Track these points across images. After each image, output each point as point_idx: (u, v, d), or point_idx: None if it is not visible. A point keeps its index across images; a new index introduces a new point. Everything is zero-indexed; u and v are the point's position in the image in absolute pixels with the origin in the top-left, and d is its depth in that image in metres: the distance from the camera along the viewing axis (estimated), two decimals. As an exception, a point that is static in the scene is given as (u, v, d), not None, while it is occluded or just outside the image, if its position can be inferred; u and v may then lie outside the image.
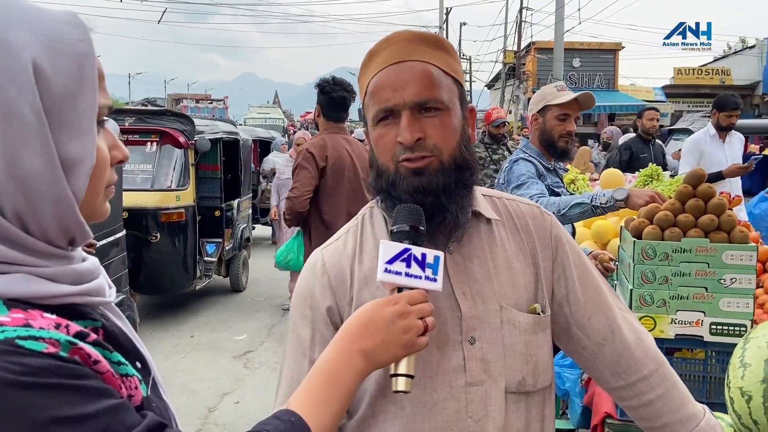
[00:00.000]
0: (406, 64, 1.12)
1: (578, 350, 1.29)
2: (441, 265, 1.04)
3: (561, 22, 18.08)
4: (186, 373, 5.08)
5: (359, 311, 1.03)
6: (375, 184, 1.19)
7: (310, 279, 1.22)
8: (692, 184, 2.06)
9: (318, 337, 1.17)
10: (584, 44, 24.79)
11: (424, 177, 1.11)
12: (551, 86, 2.88)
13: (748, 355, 1.44)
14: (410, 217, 1.07)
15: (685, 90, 25.33)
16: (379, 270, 1.02)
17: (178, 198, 6.04)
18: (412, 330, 1.00)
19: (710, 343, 1.98)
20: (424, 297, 1.03)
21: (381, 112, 1.13)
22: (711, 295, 1.94)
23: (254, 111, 35.51)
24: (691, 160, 5.30)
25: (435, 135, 1.11)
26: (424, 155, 1.10)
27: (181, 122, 6.28)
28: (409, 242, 1.04)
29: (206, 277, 6.73)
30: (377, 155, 1.17)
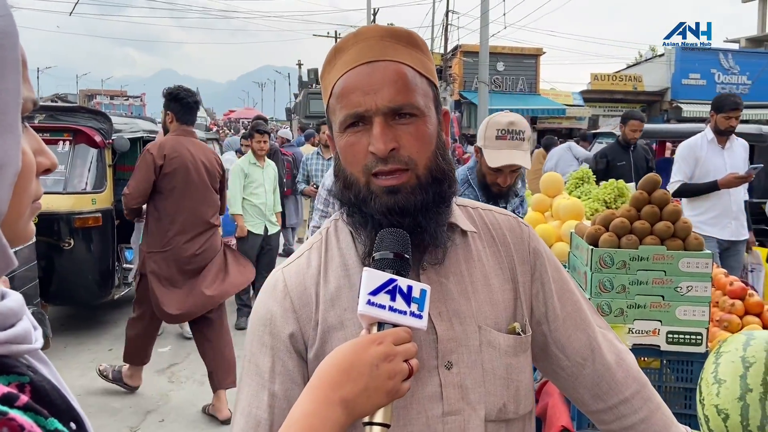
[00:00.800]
0: (379, 65, 1.00)
1: (557, 371, 1.20)
2: (427, 300, 0.93)
3: (486, 26, 18.39)
4: (105, 390, 4.72)
5: (338, 352, 0.89)
6: (341, 196, 1.07)
7: (269, 302, 1.08)
8: (647, 190, 2.02)
9: (279, 366, 1.04)
10: (507, 48, 25.39)
11: (400, 195, 0.99)
12: (493, 127, 2.49)
13: (722, 371, 1.39)
14: (396, 243, 0.96)
15: (601, 95, 26.41)
16: (360, 301, 0.90)
17: (94, 201, 5.65)
18: (398, 375, 0.88)
19: (666, 353, 1.95)
20: (409, 336, 0.91)
21: (350, 118, 1.01)
22: (668, 304, 1.91)
23: (174, 109, 34.25)
24: (685, 168, 4.75)
25: (410, 145, 1.00)
26: (398, 168, 0.99)
27: (96, 120, 5.87)
28: (393, 271, 0.93)
29: (125, 285, 6.32)
30: (345, 165, 1.04)
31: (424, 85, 1.04)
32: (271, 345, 1.05)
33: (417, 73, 1.03)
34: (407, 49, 1.04)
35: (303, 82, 28.35)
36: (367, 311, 0.89)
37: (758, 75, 26.54)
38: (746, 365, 1.37)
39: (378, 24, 1.10)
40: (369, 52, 1.02)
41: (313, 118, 21.30)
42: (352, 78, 1.01)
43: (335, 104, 1.03)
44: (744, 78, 26.92)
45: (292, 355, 1.04)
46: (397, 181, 0.99)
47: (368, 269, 0.92)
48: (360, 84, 1.00)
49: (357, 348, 0.88)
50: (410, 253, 0.96)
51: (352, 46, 1.04)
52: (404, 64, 1.02)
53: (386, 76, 0.99)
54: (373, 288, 0.90)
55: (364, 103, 0.99)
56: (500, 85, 24.63)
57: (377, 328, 0.91)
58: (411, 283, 0.92)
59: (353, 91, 1.00)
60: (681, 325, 1.91)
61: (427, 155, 1.02)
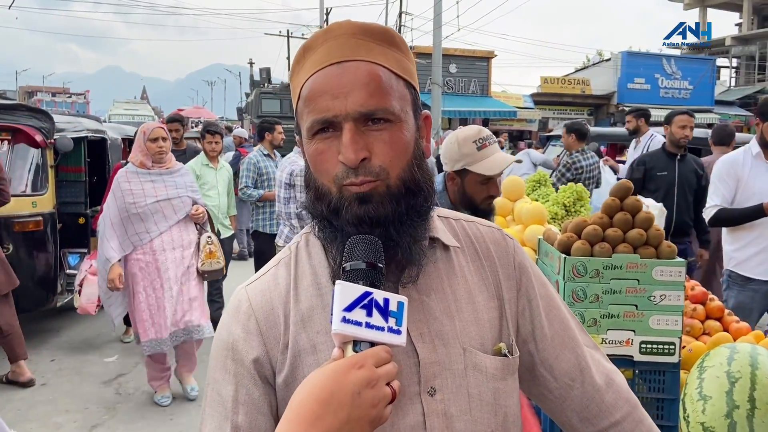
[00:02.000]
0: (349, 65, 0.91)
1: (544, 393, 1.13)
2: (405, 313, 0.85)
3: (439, 28, 18.49)
4: (47, 404, 4.47)
5: (314, 380, 0.80)
6: (313, 209, 0.97)
7: (231, 324, 0.98)
8: (619, 196, 1.98)
9: (243, 395, 0.94)
10: (459, 51, 25.63)
11: (371, 205, 0.90)
12: (468, 141, 2.31)
13: (707, 387, 1.35)
14: (367, 251, 0.87)
15: (550, 98, 26.97)
16: (334, 319, 0.81)
17: (35, 204, 5.35)
18: (381, 401, 0.80)
19: (639, 363, 1.91)
20: (389, 355, 0.83)
21: (317, 124, 0.91)
22: (641, 313, 1.87)
23: (120, 107, 33.36)
24: (723, 190, 3.84)
25: (383, 153, 0.91)
26: (368, 180, 0.90)
27: (37, 118, 5.56)
28: (366, 283, 0.84)
29: (69, 292, 6.02)
30: (315, 174, 0.95)
31: (401, 88, 0.95)
32: (234, 371, 0.95)
33: (393, 74, 0.94)
34: (382, 47, 0.95)
35: (255, 82, 27.92)
36: (343, 329, 0.81)
37: (699, 80, 27.55)
38: (732, 380, 1.33)
39: (351, 20, 0.99)
40: (339, 51, 0.92)
41: (264, 117, 20.99)
42: (320, 80, 0.92)
43: (303, 109, 0.94)
44: (686, 83, 27.95)
45: (257, 382, 0.95)
46: (368, 188, 0.90)
47: (341, 282, 0.83)
48: (328, 86, 0.91)
49: (336, 374, 0.79)
50: (383, 261, 0.88)
51: (322, 44, 0.94)
52: (378, 64, 0.93)
53: (357, 78, 0.90)
54: (347, 303, 0.81)
55: (332, 108, 0.90)
56: (453, 87, 24.86)
57: (352, 346, 0.82)
58: (387, 296, 0.84)
59: (321, 94, 0.91)
60: (654, 334, 1.87)
61: (401, 165, 0.93)
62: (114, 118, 26.69)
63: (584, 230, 1.95)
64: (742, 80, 32.83)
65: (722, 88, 31.53)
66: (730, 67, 33.78)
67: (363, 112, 0.90)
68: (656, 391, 1.93)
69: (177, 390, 4.66)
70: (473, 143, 2.31)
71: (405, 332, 0.84)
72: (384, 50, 0.95)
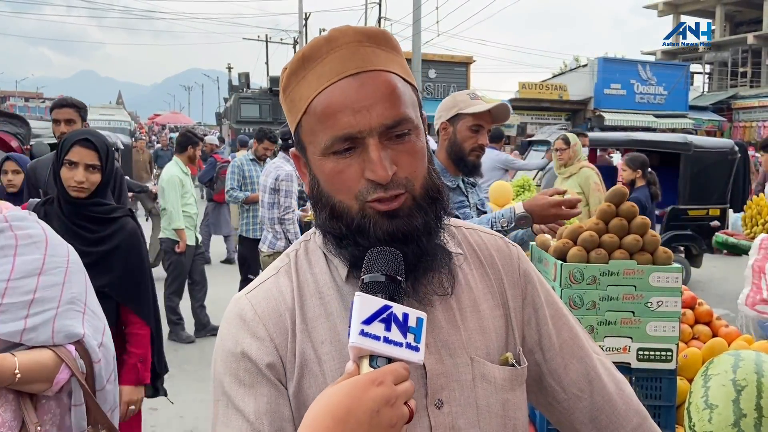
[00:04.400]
0: (367, 76, 0.87)
1: (552, 404, 1.10)
2: (424, 329, 0.82)
3: (418, 34, 18.53)
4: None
5: (331, 396, 0.76)
6: (330, 228, 0.92)
7: (238, 333, 0.92)
8: (614, 202, 1.97)
9: (263, 404, 0.89)
10: (437, 56, 25.73)
11: (401, 220, 0.87)
12: (463, 93, 2.62)
13: (712, 395, 1.33)
14: (388, 264, 0.83)
15: (528, 103, 27.16)
16: (352, 332, 0.78)
17: (11, 211, 5.20)
18: (399, 421, 0.76)
19: (636, 370, 1.90)
20: (408, 372, 0.79)
21: (339, 141, 0.87)
22: (638, 320, 1.86)
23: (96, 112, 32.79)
24: None
25: (407, 165, 0.88)
26: (399, 193, 0.87)
27: (12, 124, 5.43)
28: (385, 296, 0.81)
29: (47, 300, 5.88)
30: (331, 192, 0.90)
31: (411, 93, 0.92)
32: (250, 382, 0.90)
33: (403, 81, 0.91)
34: (387, 53, 0.91)
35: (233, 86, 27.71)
36: (361, 343, 0.77)
37: (674, 86, 27.98)
38: (738, 389, 1.32)
39: (351, 26, 0.94)
40: (351, 60, 0.88)
41: (244, 123, 20.86)
42: (337, 94, 0.87)
43: (315, 125, 0.89)
44: (660, 89, 28.34)
45: (277, 386, 0.90)
46: (394, 205, 0.87)
47: (361, 294, 0.80)
48: (348, 101, 0.86)
49: (354, 390, 0.75)
50: (403, 275, 0.84)
51: (327, 53, 0.89)
52: (392, 72, 0.89)
53: (377, 90, 0.86)
54: (366, 316, 0.78)
55: (356, 124, 0.85)
56: (432, 92, 24.93)
57: (368, 361, 0.79)
58: (407, 311, 0.81)
59: (342, 109, 0.86)
60: (651, 341, 1.86)
61: (423, 173, 0.91)
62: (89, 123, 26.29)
63: (580, 236, 1.94)
64: (715, 86, 33.46)
65: (696, 93, 32.07)
66: (704, 73, 34.42)
67: (388, 125, 0.86)
68: (653, 398, 1.92)
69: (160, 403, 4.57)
70: (467, 95, 2.58)
71: (423, 349, 0.81)
72: (389, 56, 0.91)
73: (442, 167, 2.58)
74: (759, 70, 31.19)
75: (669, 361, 1.87)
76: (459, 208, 2.59)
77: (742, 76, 31.51)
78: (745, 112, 29.18)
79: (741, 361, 1.37)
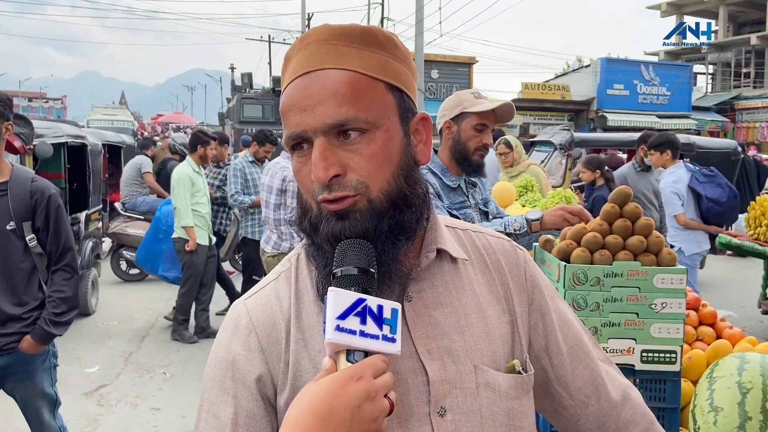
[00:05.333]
0: (316, 75, 0.86)
1: (558, 410, 1.08)
2: (399, 320, 0.81)
3: (421, 34, 18.51)
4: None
5: (311, 394, 0.75)
6: (300, 225, 0.93)
7: (230, 341, 0.92)
8: (618, 203, 1.96)
9: (243, 417, 0.88)
10: (440, 57, 25.71)
11: (348, 222, 0.85)
12: (467, 92, 2.61)
13: (717, 398, 1.32)
14: (359, 256, 0.83)
15: (531, 104, 27.10)
16: (327, 328, 0.77)
17: (14, 211, 5.20)
18: (381, 414, 0.76)
19: (640, 372, 1.89)
20: (386, 364, 0.79)
21: (290, 140, 0.88)
22: (642, 321, 1.85)
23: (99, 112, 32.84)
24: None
25: (359, 167, 0.85)
26: (344, 195, 0.85)
27: (17, 124, 5.41)
28: (358, 289, 0.80)
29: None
30: (301, 191, 0.92)
31: (379, 92, 0.88)
32: (233, 392, 0.90)
33: (369, 79, 0.87)
34: (359, 50, 0.88)
35: (236, 87, 27.72)
36: (337, 338, 0.77)
37: (677, 87, 27.92)
38: (743, 391, 1.31)
39: (329, 24, 0.93)
40: (308, 60, 0.88)
41: (247, 123, 20.85)
42: (290, 93, 0.88)
43: (283, 123, 0.91)
44: (663, 89, 28.28)
45: (258, 402, 0.89)
46: (344, 205, 0.85)
47: (334, 289, 0.79)
48: (296, 100, 0.87)
49: (334, 387, 0.74)
50: (375, 266, 0.83)
51: (296, 53, 0.90)
52: (350, 70, 0.87)
53: (323, 88, 0.85)
54: (341, 311, 0.77)
55: (301, 123, 0.86)
56: (434, 92, 24.90)
57: (345, 356, 0.78)
58: (381, 302, 0.80)
59: (291, 108, 0.87)
60: (655, 343, 1.85)
61: (384, 177, 0.87)
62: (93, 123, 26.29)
63: (584, 237, 1.93)
64: (718, 86, 33.38)
65: (699, 94, 31.99)
66: (707, 73, 34.34)
67: (331, 123, 0.84)
68: (657, 400, 1.91)
69: (162, 403, 4.57)
70: (471, 94, 2.58)
71: (400, 340, 0.80)
72: (361, 53, 0.88)
73: (444, 167, 2.58)
74: (762, 71, 31.11)
75: (673, 363, 1.86)
76: (460, 209, 2.58)
77: (745, 76, 31.42)
78: (749, 112, 29.11)
79: (746, 364, 1.37)
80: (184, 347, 5.77)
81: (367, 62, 0.88)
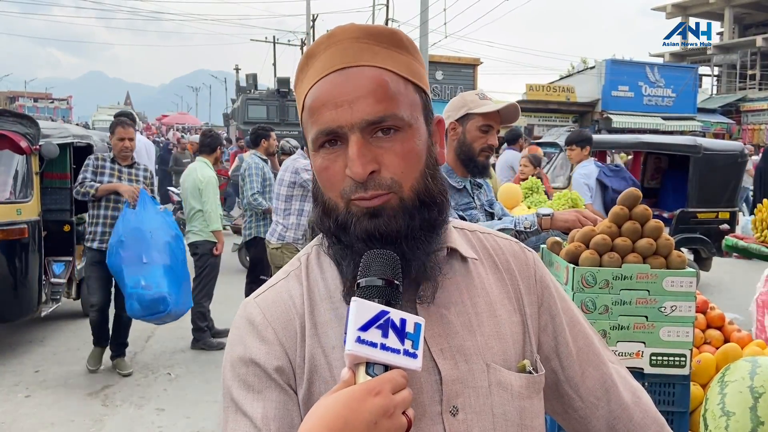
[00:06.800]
0: (353, 71, 0.86)
1: (568, 412, 1.08)
2: (422, 335, 0.80)
3: (426, 36, 18.51)
4: (31, 416, 4.34)
5: (327, 407, 0.74)
6: (321, 224, 0.92)
7: (247, 338, 0.91)
8: (628, 205, 1.95)
9: (272, 409, 0.87)
10: (444, 58, 25.70)
11: (381, 219, 0.85)
12: (472, 93, 2.62)
13: (729, 402, 1.31)
14: (385, 267, 0.82)
15: (536, 105, 27.07)
16: (348, 339, 0.76)
17: (19, 212, 5.23)
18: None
19: (649, 375, 1.88)
20: (405, 380, 0.77)
21: (322, 136, 0.87)
22: (651, 325, 1.84)
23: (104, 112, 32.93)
24: None
25: (393, 165, 0.86)
26: (379, 193, 0.85)
27: (22, 124, 5.45)
28: (382, 301, 0.79)
29: (53, 301, 5.89)
30: (323, 189, 0.90)
31: (410, 93, 0.90)
32: (258, 387, 0.88)
33: (401, 79, 0.89)
34: (389, 50, 0.90)
35: (241, 87, 27.75)
36: (357, 350, 0.75)
37: (682, 88, 27.84)
38: (755, 396, 1.29)
39: (356, 23, 0.93)
40: (342, 56, 0.87)
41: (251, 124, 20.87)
42: (323, 88, 0.87)
43: (307, 120, 0.89)
44: (669, 91, 28.20)
45: (287, 392, 0.88)
46: (377, 203, 0.85)
47: (357, 299, 0.78)
48: (332, 95, 0.86)
49: (351, 401, 0.73)
50: (401, 278, 0.83)
51: (324, 50, 0.89)
52: (384, 68, 0.88)
53: (362, 85, 0.85)
54: (363, 322, 0.76)
55: (337, 119, 0.85)
56: (439, 93, 24.88)
57: (365, 369, 0.77)
58: (404, 316, 0.79)
59: (324, 104, 0.86)
60: (665, 346, 1.84)
61: (414, 175, 0.88)
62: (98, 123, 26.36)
63: (593, 239, 1.92)
64: (723, 88, 33.28)
65: (704, 96, 31.90)
66: (712, 75, 34.25)
67: (370, 120, 0.84)
68: (666, 404, 1.90)
69: (167, 403, 4.57)
70: (476, 95, 2.58)
71: (421, 356, 0.79)
72: (391, 53, 0.89)
73: (449, 168, 2.58)
74: (768, 73, 31.01)
75: (683, 366, 1.85)
76: (466, 210, 2.57)
77: (750, 78, 31.32)
78: (754, 114, 29.01)
79: (758, 368, 1.35)
80: (189, 348, 5.77)
81: (397, 62, 0.89)
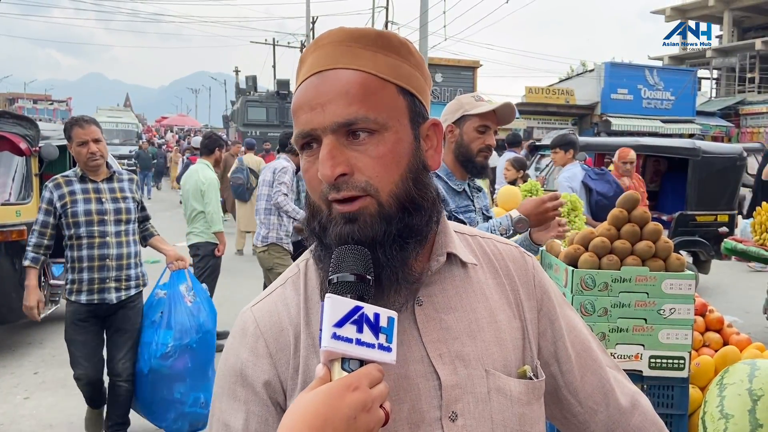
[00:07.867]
0: (329, 74, 0.87)
1: (567, 417, 1.08)
2: (395, 328, 0.80)
3: (425, 38, 18.53)
4: (30, 418, 4.34)
5: (306, 404, 0.74)
6: (308, 227, 0.92)
7: (238, 348, 0.92)
8: (627, 208, 1.95)
9: (254, 424, 0.88)
10: (444, 60, 25.72)
11: (357, 225, 0.85)
12: (468, 95, 2.62)
13: (728, 405, 1.31)
14: (356, 263, 0.82)
15: (535, 107, 27.10)
16: (324, 335, 0.76)
17: (19, 213, 5.22)
18: (376, 425, 0.75)
19: (648, 378, 1.88)
20: (381, 374, 0.78)
21: (300, 138, 0.88)
22: (650, 327, 1.84)
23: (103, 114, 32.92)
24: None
25: (367, 168, 0.85)
26: (353, 195, 0.84)
27: (22, 126, 5.45)
28: (355, 296, 0.79)
29: (53, 303, 5.89)
30: (309, 191, 0.91)
31: (391, 94, 0.88)
32: (243, 399, 0.89)
33: (381, 80, 0.88)
34: (373, 52, 0.89)
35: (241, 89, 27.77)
36: (334, 346, 0.76)
37: (681, 91, 27.89)
38: (754, 398, 1.30)
39: (345, 27, 0.93)
40: (322, 60, 0.88)
41: (251, 126, 20.89)
42: (302, 91, 0.88)
43: (293, 123, 0.91)
44: (668, 94, 28.25)
45: (269, 408, 0.89)
46: (354, 208, 0.85)
47: (331, 296, 0.78)
48: (307, 98, 0.87)
49: (329, 397, 0.73)
50: (372, 273, 0.82)
51: (311, 54, 0.90)
52: (362, 71, 0.87)
53: (335, 87, 0.85)
54: (338, 318, 0.76)
55: (311, 121, 0.85)
56: (438, 96, 24.91)
57: (340, 364, 0.77)
58: (378, 311, 0.79)
59: (301, 106, 0.87)
60: (664, 349, 1.84)
61: (392, 179, 0.86)
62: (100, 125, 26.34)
63: (591, 242, 1.92)
64: (722, 91, 33.31)
65: (703, 99, 31.95)
66: (711, 78, 34.28)
67: (340, 122, 0.84)
68: (665, 406, 1.90)
69: (165, 403, 4.55)
70: (472, 97, 2.58)
71: (395, 349, 0.80)
72: (375, 55, 0.89)
73: (449, 171, 2.57)
74: (767, 76, 31.04)
75: (681, 369, 1.85)
76: (465, 213, 2.57)
77: (749, 81, 31.35)
78: (753, 117, 29.05)
79: (757, 371, 1.36)
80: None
81: (379, 64, 0.88)
